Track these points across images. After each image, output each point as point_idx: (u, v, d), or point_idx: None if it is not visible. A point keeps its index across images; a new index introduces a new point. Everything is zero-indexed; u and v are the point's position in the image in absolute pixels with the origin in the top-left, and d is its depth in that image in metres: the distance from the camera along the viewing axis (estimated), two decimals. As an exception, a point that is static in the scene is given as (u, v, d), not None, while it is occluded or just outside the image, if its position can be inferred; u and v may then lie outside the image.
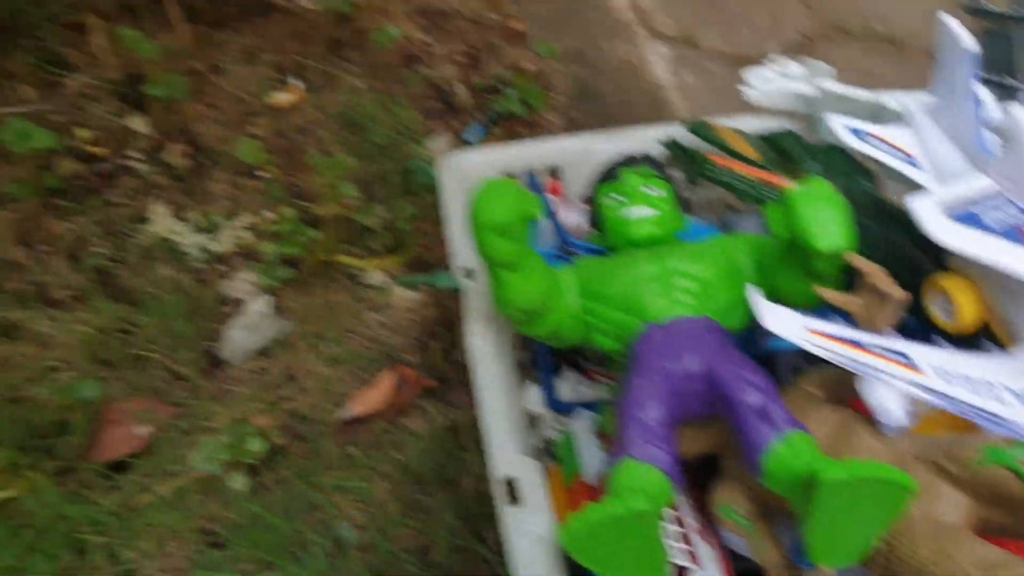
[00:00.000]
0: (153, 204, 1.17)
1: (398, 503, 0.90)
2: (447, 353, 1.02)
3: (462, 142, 1.23)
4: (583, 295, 0.72)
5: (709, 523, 0.69)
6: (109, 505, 0.89)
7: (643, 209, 0.75)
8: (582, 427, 0.77)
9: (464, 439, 0.94)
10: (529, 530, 0.56)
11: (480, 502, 0.89)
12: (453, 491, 0.91)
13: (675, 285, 0.69)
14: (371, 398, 0.97)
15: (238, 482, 0.88)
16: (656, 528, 0.56)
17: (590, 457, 0.75)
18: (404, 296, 1.08)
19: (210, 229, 1.14)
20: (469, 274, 0.77)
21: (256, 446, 0.87)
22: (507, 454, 0.61)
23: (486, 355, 0.69)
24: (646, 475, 0.59)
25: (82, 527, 0.88)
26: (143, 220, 1.15)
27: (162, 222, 1.15)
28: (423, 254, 1.11)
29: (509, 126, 1.25)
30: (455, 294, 1.08)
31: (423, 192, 1.15)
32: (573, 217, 0.88)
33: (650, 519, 0.55)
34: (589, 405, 0.82)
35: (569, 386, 0.85)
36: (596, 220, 0.80)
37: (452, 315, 1.06)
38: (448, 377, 1.01)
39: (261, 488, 0.90)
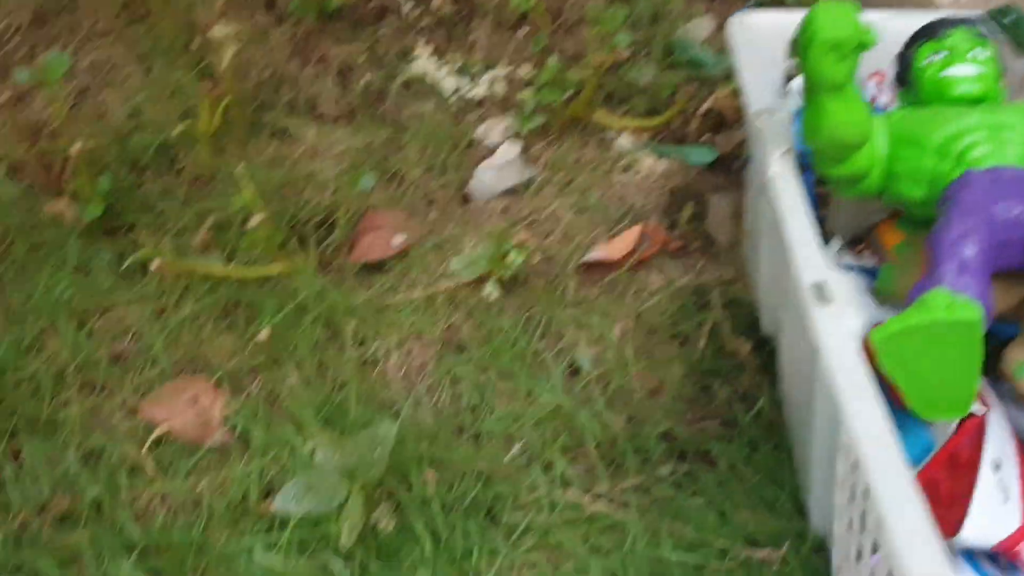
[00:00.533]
0: (417, 44, 1.21)
1: (631, 346, 0.91)
2: (693, 222, 1.02)
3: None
4: (895, 143, 0.70)
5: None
6: (362, 300, 0.95)
7: (968, 67, 0.72)
8: (858, 287, 0.76)
9: (705, 300, 0.94)
10: (840, 328, 0.56)
11: (715, 359, 0.89)
12: (686, 347, 0.91)
13: (1002, 136, 0.66)
14: (615, 247, 0.98)
15: (489, 292, 0.92)
16: (977, 346, 0.54)
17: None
18: (653, 163, 1.08)
19: (469, 74, 1.18)
20: (769, 113, 0.76)
21: (513, 258, 0.90)
22: (814, 260, 0.61)
23: (786, 180, 0.69)
24: (961, 303, 0.57)
25: (336, 312, 0.93)
26: (407, 58, 1.20)
27: (424, 62, 1.20)
28: (678, 126, 1.11)
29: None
30: (704, 171, 1.08)
31: (685, 66, 1.14)
32: (873, 91, 0.85)
33: (973, 334, 0.54)
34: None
35: (832, 256, 0.84)
36: (907, 78, 0.77)
37: (700, 188, 1.05)
38: (691, 244, 1.01)
39: (506, 307, 0.93)
